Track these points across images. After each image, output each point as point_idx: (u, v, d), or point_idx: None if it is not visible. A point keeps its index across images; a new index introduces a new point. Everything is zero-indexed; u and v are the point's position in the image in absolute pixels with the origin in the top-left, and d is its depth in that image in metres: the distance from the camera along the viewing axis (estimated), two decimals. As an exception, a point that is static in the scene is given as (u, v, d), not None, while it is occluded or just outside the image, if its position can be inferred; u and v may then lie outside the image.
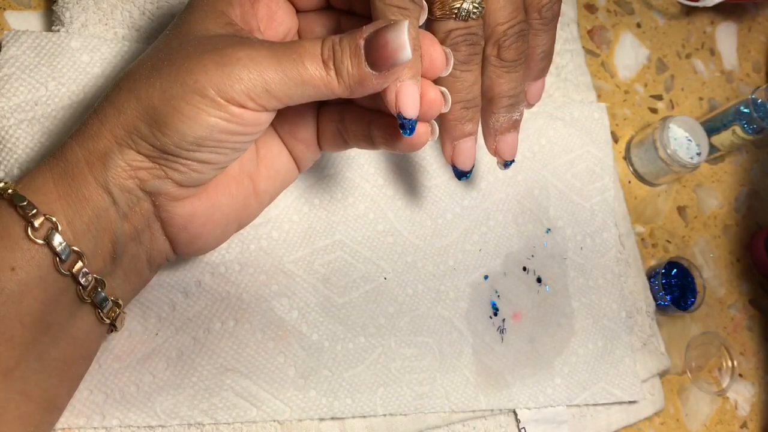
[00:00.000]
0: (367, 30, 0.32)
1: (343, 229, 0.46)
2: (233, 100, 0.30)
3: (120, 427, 0.39)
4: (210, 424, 0.40)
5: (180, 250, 0.36)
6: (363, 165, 0.47)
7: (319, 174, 0.46)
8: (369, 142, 0.38)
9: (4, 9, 0.44)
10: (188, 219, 0.34)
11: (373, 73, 0.31)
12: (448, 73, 0.35)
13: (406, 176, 0.48)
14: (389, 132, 0.36)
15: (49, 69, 0.41)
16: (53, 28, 0.43)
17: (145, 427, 0.39)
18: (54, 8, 0.43)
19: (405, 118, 0.33)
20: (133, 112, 0.31)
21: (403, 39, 0.31)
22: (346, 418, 0.43)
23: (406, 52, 0.31)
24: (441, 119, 0.39)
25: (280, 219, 0.45)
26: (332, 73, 0.31)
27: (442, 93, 0.35)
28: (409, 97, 0.33)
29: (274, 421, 0.41)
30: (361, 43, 0.31)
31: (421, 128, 0.35)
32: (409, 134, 0.34)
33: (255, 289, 0.43)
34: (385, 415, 0.43)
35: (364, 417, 0.43)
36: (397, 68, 0.32)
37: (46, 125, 0.41)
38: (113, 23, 0.44)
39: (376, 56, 0.31)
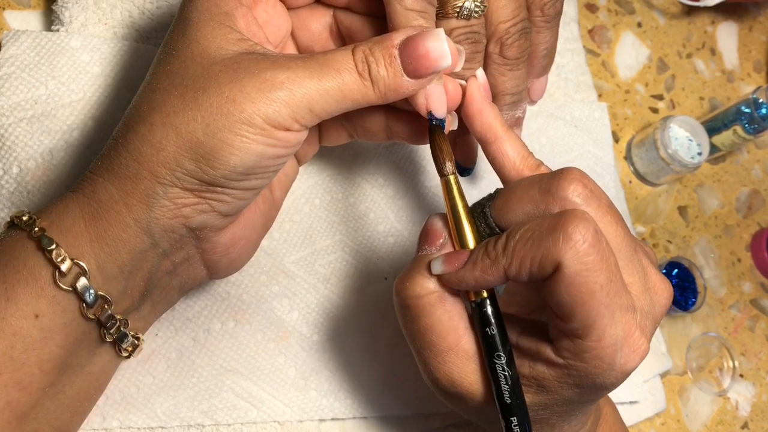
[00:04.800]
0: (397, 38, 0.31)
1: (344, 229, 0.46)
2: (280, 125, 0.30)
3: (120, 428, 0.38)
4: (210, 425, 0.40)
5: (219, 274, 0.36)
6: (363, 165, 0.47)
7: (320, 174, 0.46)
8: (381, 136, 0.37)
9: (4, 9, 0.44)
10: (229, 245, 0.34)
11: (410, 80, 0.32)
12: (459, 68, 0.35)
13: (406, 176, 0.48)
14: (412, 128, 0.37)
15: (48, 68, 0.41)
16: (53, 27, 0.43)
17: (145, 428, 0.39)
18: (53, 8, 0.43)
19: (435, 117, 0.34)
20: (174, 149, 0.30)
21: (444, 48, 0.31)
22: (347, 419, 0.43)
23: (448, 60, 0.31)
24: None
25: (281, 219, 0.44)
26: (368, 83, 0.31)
27: (461, 86, 0.35)
28: (439, 97, 0.33)
29: (275, 422, 0.41)
30: (395, 52, 0.31)
31: (446, 119, 0.35)
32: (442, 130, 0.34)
33: (255, 289, 0.43)
34: (386, 416, 0.43)
35: (365, 418, 0.43)
36: (434, 74, 0.32)
37: (46, 124, 0.40)
38: (113, 23, 0.44)
39: (417, 65, 0.31)
